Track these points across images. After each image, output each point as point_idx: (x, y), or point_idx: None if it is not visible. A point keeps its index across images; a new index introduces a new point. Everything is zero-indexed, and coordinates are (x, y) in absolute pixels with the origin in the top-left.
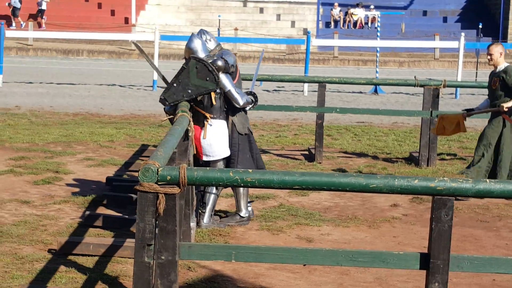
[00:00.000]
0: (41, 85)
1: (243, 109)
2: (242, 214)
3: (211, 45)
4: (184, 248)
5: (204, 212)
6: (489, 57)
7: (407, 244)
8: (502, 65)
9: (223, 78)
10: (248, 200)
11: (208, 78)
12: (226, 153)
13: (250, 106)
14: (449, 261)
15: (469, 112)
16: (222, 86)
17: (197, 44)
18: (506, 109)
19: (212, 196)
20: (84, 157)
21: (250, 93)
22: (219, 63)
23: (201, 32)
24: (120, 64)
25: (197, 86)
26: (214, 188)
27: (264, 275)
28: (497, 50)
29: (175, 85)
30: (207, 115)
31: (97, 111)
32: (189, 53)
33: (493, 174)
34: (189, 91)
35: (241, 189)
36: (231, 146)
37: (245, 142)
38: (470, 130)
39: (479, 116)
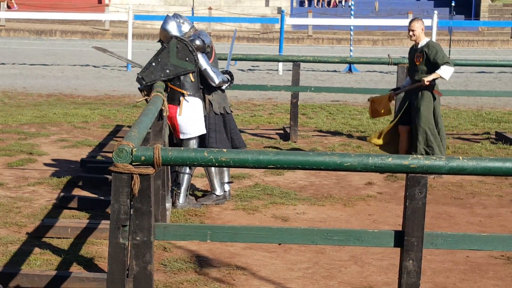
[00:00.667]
0: (13, 66)
1: (220, 88)
2: (217, 193)
3: (185, 28)
4: (159, 229)
5: (179, 193)
6: (411, 33)
7: (381, 222)
8: (423, 40)
9: (199, 57)
10: (228, 180)
11: (187, 59)
12: (202, 131)
13: (226, 85)
14: (423, 239)
15: (396, 91)
16: (198, 65)
17: (172, 26)
18: (427, 83)
19: (186, 176)
20: (58, 138)
21: (225, 72)
22: (198, 42)
23: (175, 15)
24: (94, 44)
25: (176, 66)
26: (188, 168)
27: (240, 255)
28: (419, 26)
29: (154, 64)
30: (184, 92)
31: (71, 92)
32: (164, 35)
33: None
34: (167, 71)
35: (213, 168)
36: (208, 125)
37: (221, 122)
38: (444, 108)
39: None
